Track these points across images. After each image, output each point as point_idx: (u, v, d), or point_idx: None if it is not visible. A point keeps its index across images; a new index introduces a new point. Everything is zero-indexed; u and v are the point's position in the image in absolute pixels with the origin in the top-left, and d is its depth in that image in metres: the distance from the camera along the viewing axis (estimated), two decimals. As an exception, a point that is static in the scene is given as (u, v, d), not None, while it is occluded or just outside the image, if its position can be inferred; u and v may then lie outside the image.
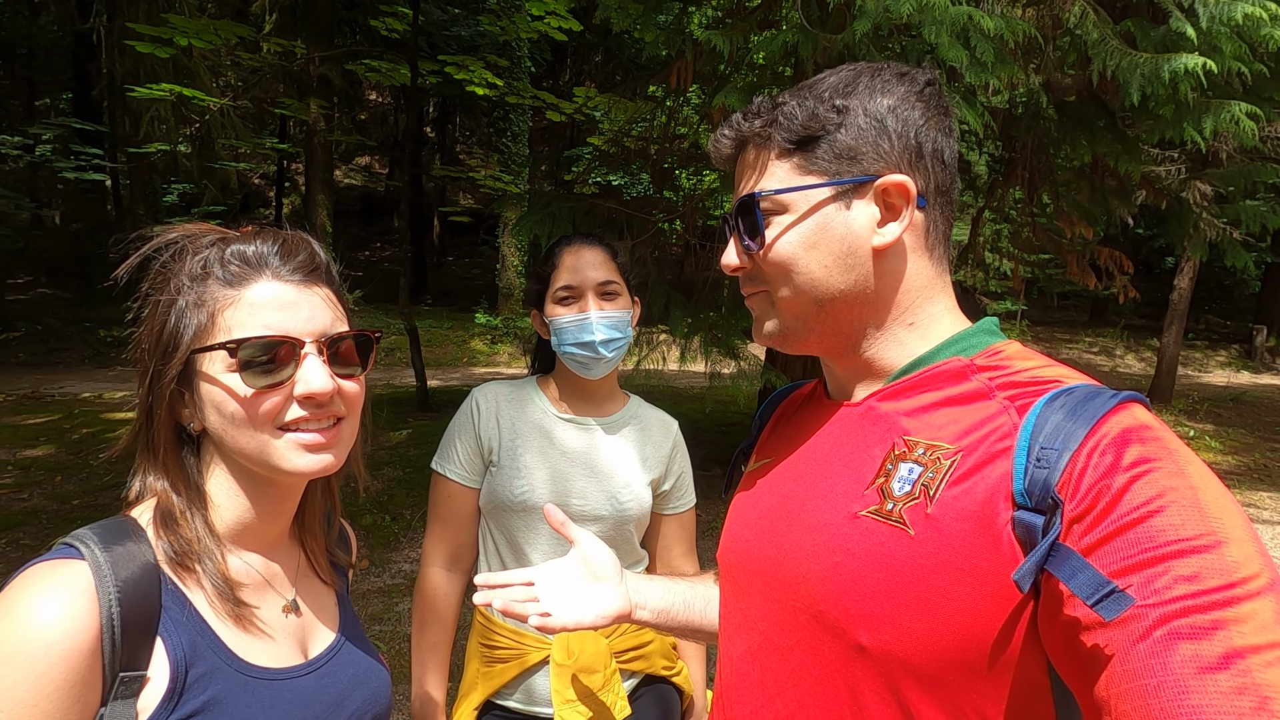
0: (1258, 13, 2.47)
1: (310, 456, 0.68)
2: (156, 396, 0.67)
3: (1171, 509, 0.49)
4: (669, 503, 1.39)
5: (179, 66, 8.02)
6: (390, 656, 3.06)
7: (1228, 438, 7.90)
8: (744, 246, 0.73)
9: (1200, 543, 0.47)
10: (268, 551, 0.73)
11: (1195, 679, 0.43)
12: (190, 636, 0.62)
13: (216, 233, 0.71)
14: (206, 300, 0.67)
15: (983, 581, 0.56)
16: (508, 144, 12.77)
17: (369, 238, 17.99)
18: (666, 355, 4.74)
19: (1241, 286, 16.20)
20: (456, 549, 1.32)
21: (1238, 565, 0.46)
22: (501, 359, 11.64)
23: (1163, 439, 0.54)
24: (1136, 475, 0.51)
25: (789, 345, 0.75)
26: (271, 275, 0.68)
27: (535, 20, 6.31)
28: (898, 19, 2.43)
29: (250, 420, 0.65)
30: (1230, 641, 0.44)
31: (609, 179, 10.28)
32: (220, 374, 0.65)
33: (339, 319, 0.71)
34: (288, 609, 0.73)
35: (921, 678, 0.58)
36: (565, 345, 1.26)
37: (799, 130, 0.69)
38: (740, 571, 0.77)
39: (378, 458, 5.32)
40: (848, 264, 0.69)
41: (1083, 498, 0.52)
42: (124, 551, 0.61)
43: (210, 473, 0.70)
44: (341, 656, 0.76)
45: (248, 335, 0.65)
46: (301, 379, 0.67)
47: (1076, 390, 0.58)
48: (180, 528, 0.66)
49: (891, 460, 0.65)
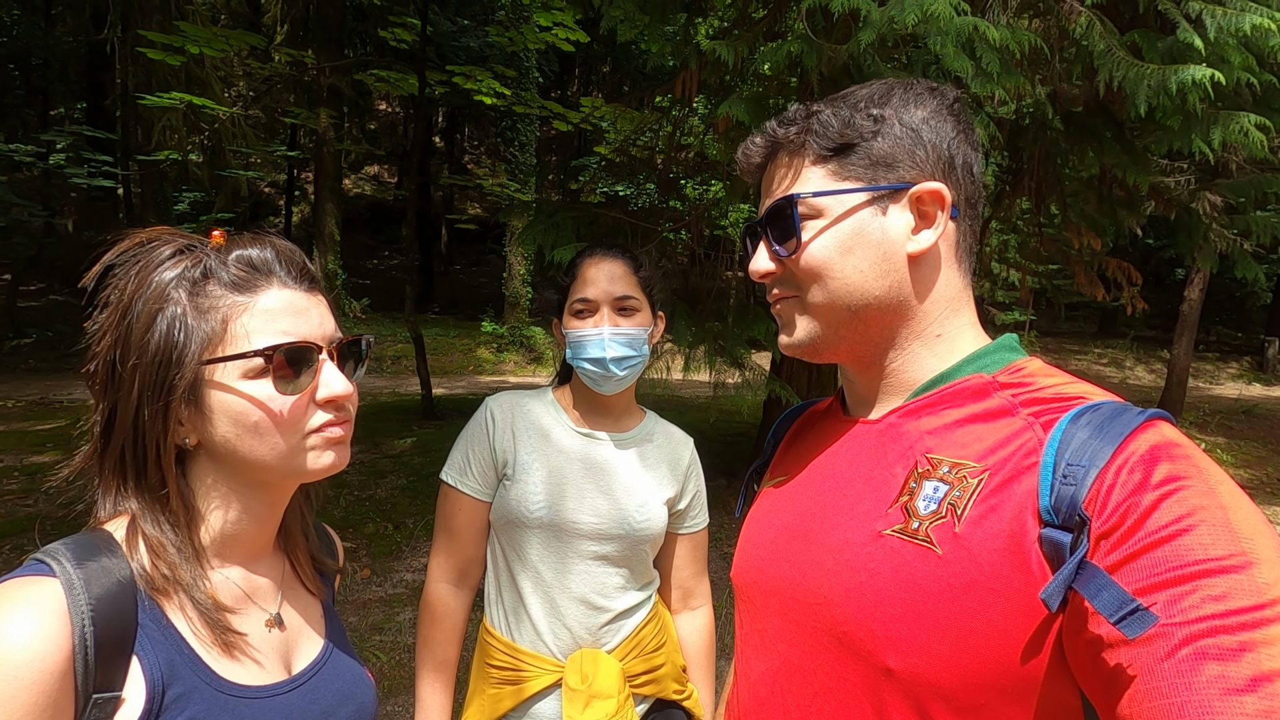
0: (1266, 24, 2.45)
1: (333, 453, 0.69)
2: (155, 413, 0.64)
3: (1201, 528, 0.48)
4: (684, 522, 1.36)
5: (191, 76, 8.12)
6: (391, 667, 3.04)
7: (1240, 451, 7.81)
8: (775, 252, 0.72)
9: (1230, 563, 0.46)
10: (252, 564, 0.72)
11: (1220, 700, 0.42)
12: (168, 655, 0.60)
13: (183, 237, 0.68)
14: (216, 307, 0.64)
15: (1014, 602, 0.54)
16: (515, 153, 12.84)
17: (377, 246, 18.10)
18: (671, 365, 4.73)
19: (1253, 298, 16.05)
20: (464, 564, 1.28)
21: (1268, 586, 0.45)
22: (508, 367, 11.66)
23: (1192, 457, 0.53)
24: (1166, 493, 0.50)
25: (818, 354, 0.74)
26: (280, 282, 0.67)
27: (543, 31, 6.36)
28: (903, 29, 2.42)
29: (278, 428, 0.65)
30: (1259, 664, 0.42)
31: (615, 189, 10.31)
32: (240, 383, 0.64)
33: (337, 325, 0.72)
34: (271, 623, 0.71)
35: (951, 701, 0.56)
36: (579, 359, 1.23)
37: (835, 137, 0.70)
38: (757, 592, 0.75)
39: (381, 466, 5.32)
40: (883, 269, 0.69)
41: (1110, 515, 0.51)
42: (98, 567, 0.59)
43: (201, 487, 0.68)
44: (326, 671, 0.74)
45: (272, 343, 0.64)
46: (324, 384, 0.67)
47: (1103, 407, 0.57)
48: (164, 553, 0.64)
49: (915, 478, 0.64)
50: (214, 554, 0.69)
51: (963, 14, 2.44)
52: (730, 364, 4.54)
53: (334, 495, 4.74)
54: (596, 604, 1.23)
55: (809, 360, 0.75)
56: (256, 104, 12.12)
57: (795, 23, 2.89)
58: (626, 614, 1.26)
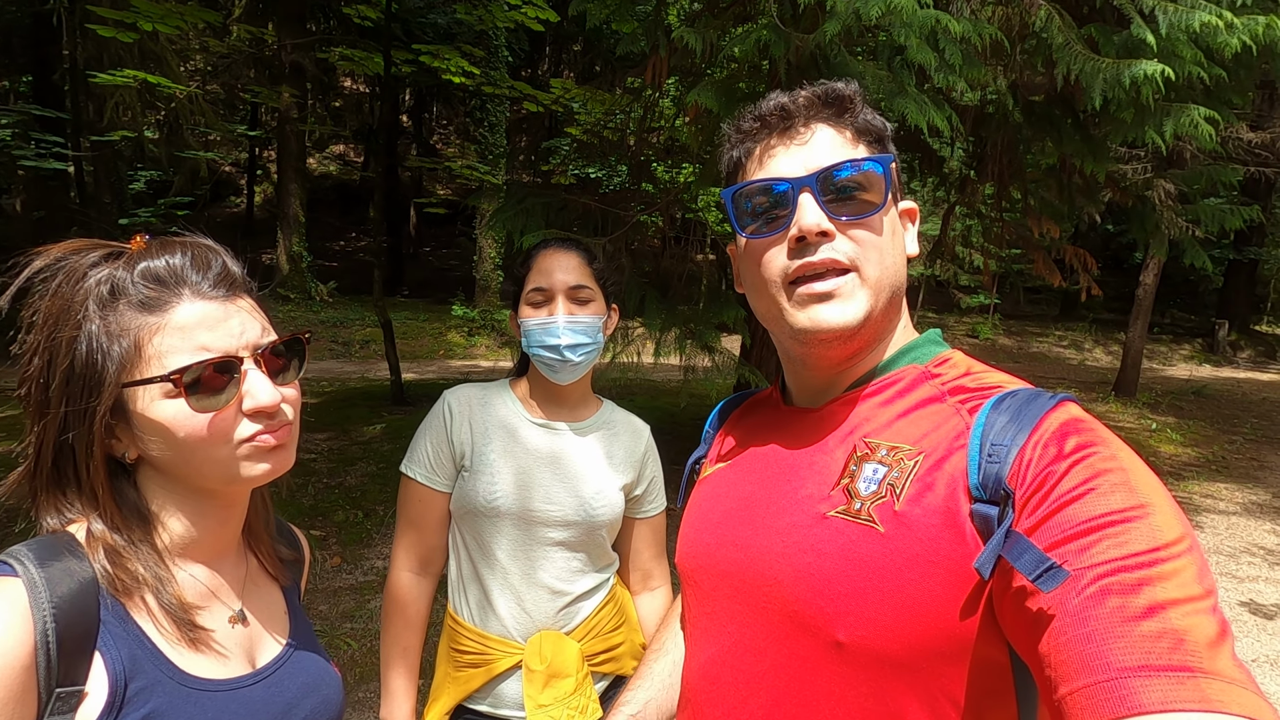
0: (1214, 21, 2.53)
1: (268, 461, 0.68)
2: (82, 436, 0.64)
3: (1104, 487, 0.54)
4: (641, 507, 1.40)
5: (145, 51, 7.80)
6: (363, 654, 3.05)
7: (1189, 430, 8.12)
8: (830, 215, 0.68)
9: (1130, 514, 0.52)
10: (215, 562, 0.73)
11: (1121, 626, 0.47)
12: (130, 650, 0.62)
13: (103, 248, 0.67)
14: (127, 329, 0.63)
15: (951, 571, 0.60)
16: (485, 134, 12.63)
17: (344, 228, 17.72)
18: (642, 350, 4.75)
19: (1206, 282, 16.62)
20: (426, 553, 1.32)
21: (1162, 531, 0.51)
22: (479, 351, 11.57)
23: (1096, 430, 0.60)
24: (1075, 461, 0.56)
25: (856, 336, 0.70)
26: (192, 293, 0.65)
27: (512, 9, 6.24)
28: (867, 21, 2.45)
29: (203, 443, 0.65)
30: (1154, 596, 0.48)
31: (587, 171, 10.23)
32: (160, 404, 0.64)
33: (266, 327, 0.70)
34: (234, 619, 0.73)
35: (897, 668, 0.61)
36: (534, 348, 1.26)
37: (879, 127, 0.74)
38: (704, 575, 0.78)
39: (350, 453, 5.27)
40: (902, 261, 0.74)
41: (1030, 484, 0.57)
42: (61, 568, 0.60)
43: (152, 496, 0.69)
44: (291, 664, 0.76)
45: (185, 362, 0.63)
46: (248, 394, 0.66)
47: (1020, 393, 0.64)
48: (124, 560, 0.64)
49: (855, 462, 0.68)
50: (176, 554, 0.70)
51: (925, 6, 2.47)
52: (700, 348, 4.58)
53: (302, 483, 4.69)
54: (556, 589, 1.27)
55: (840, 346, 0.71)
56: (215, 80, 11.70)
57: (766, 4, 2.89)
58: (585, 597, 1.30)
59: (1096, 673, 0.47)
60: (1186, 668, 0.45)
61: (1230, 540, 5.07)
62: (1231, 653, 0.47)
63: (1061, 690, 0.49)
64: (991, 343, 14.25)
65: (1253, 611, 4.00)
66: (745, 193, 0.72)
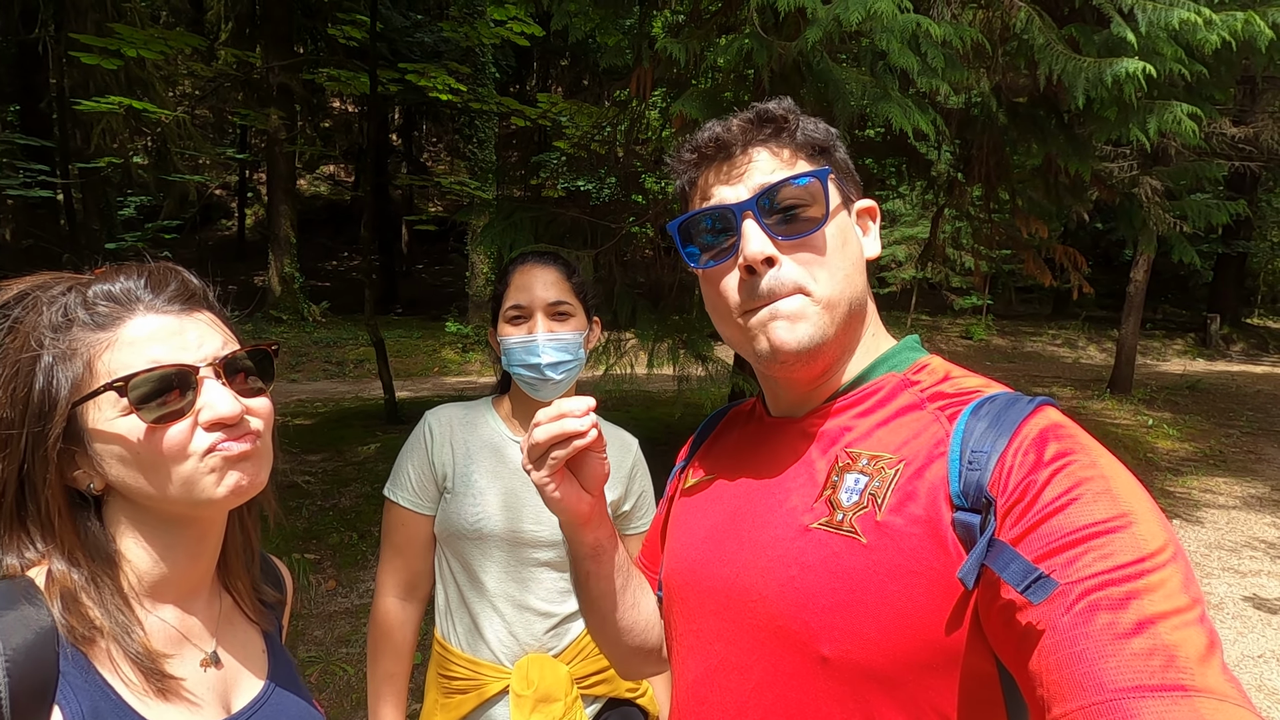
0: (1193, 18, 2.54)
1: (235, 471, 0.64)
2: (38, 465, 0.62)
3: (1087, 496, 0.54)
4: (630, 523, 1.38)
5: (132, 77, 7.82)
6: (358, 680, 3.00)
7: (1185, 425, 8.13)
8: (773, 237, 0.68)
9: (1114, 524, 0.52)
10: (187, 602, 0.70)
11: (1111, 644, 0.47)
12: (92, 702, 0.59)
13: (68, 279, 0.66)
14: (78, 349, 0.62)
15: (935, 582, 0.58)
16: (474, 150, 12.67)
17: (336, 247, 17.71)
18: (635, 361, 4.73)
19: (1196, 277, 16.71)
20: (411, 577, 1.29)
21: (1146, 541, 0.51)
22: (473, 368, 11.53)
23: (1076, 435, 0.59)
24: (1057, 469, 0.56)
25: (814, 360, 0.70)
26: (145, 309, 0.64)
27: (497, 25, 6.28)
28: (848, 27, 2.45)
29: (162, 458, 0.62)
30: (1142, 610, 0.48)
31: (577, 184, 10.25)
32: (113, 421, 0.62)
33: (229, 340, 0.68)
34: (206, 662, 0.70)
35: (883, 682, 0.60)
36: (514, 366, 1.24)
37: (821, 138, 0.73)
38: (691, 593, 0.76)
39: (344, 474, 5.22)
40: (859, 268, 0.73)
41: (1011, 493, 0.56)
42: (16, 616, 0.58)
43: (119, 531, 0.66)
44: (269, 707, 0.72)
45: (133, 371, 0.61)
46: (206, 405, 0.63)
47: (998, 398, 0.63)
48: (83, 608, 0.62)
49: (837, 472, 0.67)
50: (144, 595, 0.67)
51: (906, 11, 2.48)
52: (693, 358, 4.56)
53: (296, 506, 4.64)
54: (542, 610, 1.24)
55: (804, 367, 0.70)
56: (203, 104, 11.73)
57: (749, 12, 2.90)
58: (574, 617, 1.27)
59: (1091, 694, 0.46)
60: (1180, 686, 0.45)
61: (1231, 535, 5.05)
62: (1221, 665, 0.47)
63: (1055, 711, 0.48)
64: (985, 343, 14.29)
65: (1256, 606, 3.98)
66: (690, 224, 0.73)
